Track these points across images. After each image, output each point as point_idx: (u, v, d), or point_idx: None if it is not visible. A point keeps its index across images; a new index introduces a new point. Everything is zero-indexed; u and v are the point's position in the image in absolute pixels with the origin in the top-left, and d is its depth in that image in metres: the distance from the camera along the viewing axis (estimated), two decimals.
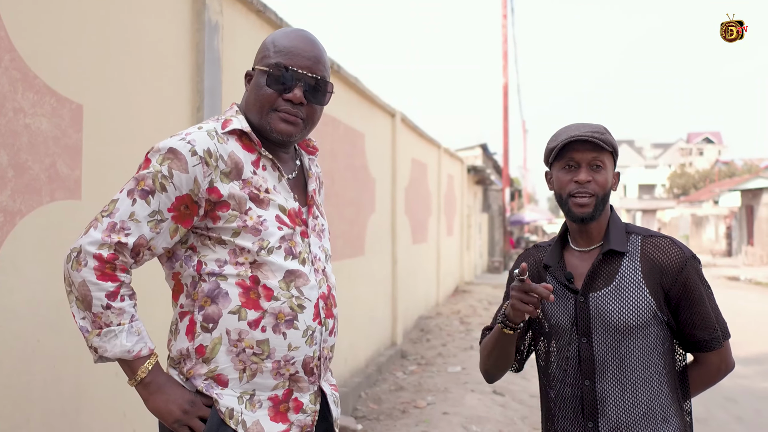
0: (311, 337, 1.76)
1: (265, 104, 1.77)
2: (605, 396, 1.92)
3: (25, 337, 2.31)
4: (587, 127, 1.95)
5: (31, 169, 2.32)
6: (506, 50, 23.43)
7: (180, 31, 3.33)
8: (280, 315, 1.71)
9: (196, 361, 1.73)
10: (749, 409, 6.57)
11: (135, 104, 2.95)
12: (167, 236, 1.70)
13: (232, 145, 1.74)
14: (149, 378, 1.69)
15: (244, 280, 1.70)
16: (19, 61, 2.27)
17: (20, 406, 2.28)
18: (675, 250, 1.94)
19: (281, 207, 1.77)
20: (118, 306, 1.65)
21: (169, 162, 1.66)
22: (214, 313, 1.70)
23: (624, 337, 1.91)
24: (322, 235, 1.92)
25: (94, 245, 1.63)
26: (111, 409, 2.77)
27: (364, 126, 6.93)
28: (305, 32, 1.86)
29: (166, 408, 1.68)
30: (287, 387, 1.76)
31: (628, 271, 1.94)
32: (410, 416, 5.65)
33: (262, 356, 1.71)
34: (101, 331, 1.64)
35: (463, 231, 16.80)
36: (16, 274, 2.28)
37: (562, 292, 1.99)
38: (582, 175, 1.92)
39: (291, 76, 1.76)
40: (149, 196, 1.66)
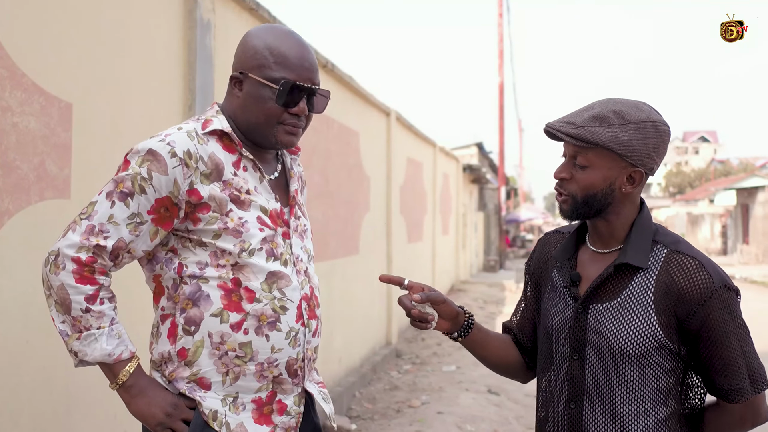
0: (294, 338, 1.75)
1: (272, 118, 1.75)
2: (591, 425, 1.67)
3: (14, 337, 2.29)
4: (583, 112, 1.66)
5: (20, 169, 2.30)
6: (502, 49, 23.43)
7: (172, 29, 3.31)
8: (262, 317, 1.69)
9: (179, 364, 1.71)
10: None
11: (125, 103, 2.93)
12: (147, 239, 1.68)
13: (212, 146, 1.72)
14: (131, 381, 1.67)
15: (225, 282, 1.68)
16: (6, 58, 2.25)
17: (9, 408, 2.26)
18: (702, 276, 1.60)
19: (263, 208, 1.75)
20: (97, 309, 1.63)
21: (148, 164, 1.64)
22: (195, 316, 1.68)
23: (620, 362, 1.64)
24: (304, 235, 1.90)
25: (73, 248, 1.61)
26: (102, 410, 2.75)
27: (359, 125, 6.91)
28: (296, 36, 1.83)
29: (148, 411, 1.67)
30: (271, 389, 1.75)
31: (638, 288, 1.64)
32: (405, 416, 5.64)
33: (245, 359, 1.69)
34: (81, 334, 1.63)
35: (459, 230, 16.79)
36: (5, 275, 2.25)
37: (564, 295, 1.74)
38: (556, 170, 1.71)
39: (297, 92, 1.75)
40: (128, 199, 1.63)
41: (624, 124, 1.60)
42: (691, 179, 67.72)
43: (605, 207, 1.67)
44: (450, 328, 1.85)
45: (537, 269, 1.91)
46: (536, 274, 1.91)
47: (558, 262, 1.80)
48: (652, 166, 1.65)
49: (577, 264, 1.76)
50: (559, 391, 1.73)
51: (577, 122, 1.63)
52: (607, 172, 1.63)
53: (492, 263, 22.76)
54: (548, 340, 1.79)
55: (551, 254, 1.85)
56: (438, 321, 1.81)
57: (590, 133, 1.60)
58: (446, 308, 1.81)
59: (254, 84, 1.74)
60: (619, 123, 1.60)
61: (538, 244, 1.95)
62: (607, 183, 1.64)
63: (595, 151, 1.62)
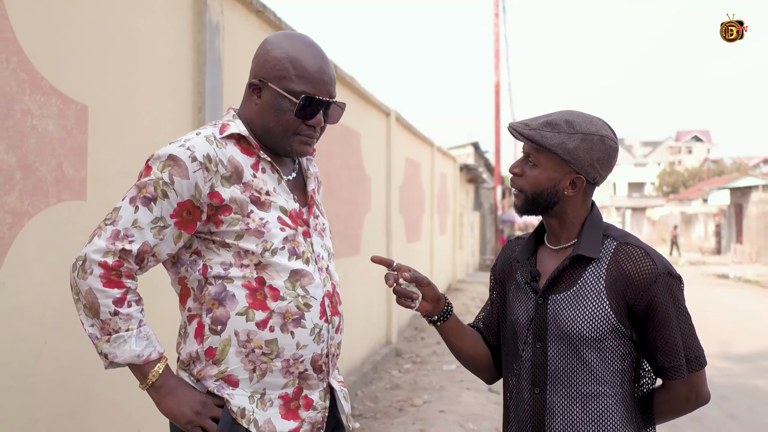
0: (318, 334, 1.79)
1: (289, 129, 1.80)
2: (553, 408, 1.81)
3: (33, 338, 2.32)
4: (540, 118, 1.83)
5: (39, 171, 2.33)
6: (498, 49, 23.47)
7: (182, 32, 3.34)
8: (287, 314, 1.74)
9: (206, 363, 1.75)
10: (741, 406, 6.63)
11: (137, 105, 2.96)
12: (171, 242, 1.72)
13: (230, 150, 1.77)
14: (160, 381, 1.71)
15: (249, 281, 1.72)
16: (27, 62, 2.28)
17: (27, 408, 2.29)
18: (647, 263, 1.76)
19: (282, 208, 1.79)
20: (125, 312, 1.67)
21: (169, 169, 1.68)
22: (222, 316, 1.73)
23: (578, 347, 1.78)
24: (323, 234, 1.94)
25: (99, 253, 1.65)
26: (117, 409, 2.78)
27: (360, 125, 6.94)
28: (316, 47, 1.87)
29: (178, 410, 1.71)
30: (297, 385, 1.79)
31: (590, 278, 1.79)
32: (407, 414, 5.67)
33: (271, 356, 1.73)
34: (110, 337, 1.67)
35: (456, 229, 16.84)
36: (24, 276, 2.28)
37: (526, 290, 1.90)
38: (512, 164, 1.88)
39: (317, 106, 1.80)
40: (151, 203, 1.68)
41: (572, 133, 1.77)
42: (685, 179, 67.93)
43: (552, 206, 1.84)
44: (431, 311, 1.97)
45: (501, 272, 2.06)
46: (501, 277, 2.06)
47: (519, 261, 1.96)
48: (595, 176, 1.82)
49: (537, 262, 1.93)
50: (524, 379, 1.87)
51: (531, 125, 1.81)
52: (552, 174, 1.81)
53: (488, 263, 22.81)
54: (513, 335, 1.92)
55: (513, 257, 2.01)
56: (421, 302, 1.94)
57: (540, 136, 1.78)
58: (429, 291, 1.94)
59: (274, 94, 1.79)
60: (568, 131, 1.78)
61: (502, 249, 2.12)
62: (552, 184, 1.81)
63: (545, 153, 1.80)
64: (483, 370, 2.10)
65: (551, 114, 1.84)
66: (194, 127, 3.42)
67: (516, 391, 1.91)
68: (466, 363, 2.08)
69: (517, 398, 1.90)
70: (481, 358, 2.07)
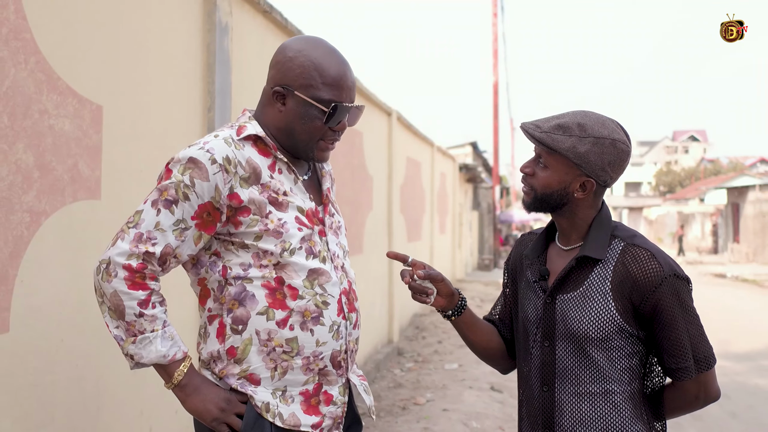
0: (337, 331, 1.82)
1: (315, 136, 1.83)
2: (562, 406, 1.84)
3: (50, 336, 2.34)
4: (552, 119, 1.83)
5: (55, 170, 2.35)
6: (496, 49, 23.52)
7: (192, 32, 3.36)
8: (306, 313, 1.77)
9: (228, 362, 1.78)
10: (742, 405, 6.67)
11: (149, 104, 2.98)
12: (192, 243, 1.75)
13: (248, 151, 1.79)
14: (185, 380, 1.74)
15: (269, 281, 1.75)
16: (44, 63, 2.30)
17: (46, 405, 2.31)
18: (653, 265, 1.77)
19: (299, 208, 1.82)
20: (150, 313, 1.70)
21: (190, 171, 1.71)
22: (242, 315, 1.76)
23: (585, 346, 1.80)
24: (339, 232, 1.97)
25: (123, 256, 1.68)
26: (129, 406, 2.81)
27: (362, 125, 6.96)
28: (338, 53, 1.87)
29: (203, 407, 1.74)
30: (317, 381, 1.82)
31: (597, 278, 1.81)
32: (410, 413, 5.70)
33: (291, 354, 1.77)
34: (136, 338, 1.70)
35: (455, 229, 16.87)
36: (41, 274, 2.30)
37: (535, 289, 1.92)
38: (523, 164, 1.89)
39: (344, 113, 1.83)
40: (173, 206, 1.71)
41: (583, 136, 1.77)
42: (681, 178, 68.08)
43: (561, 206, 1.85)
44: (445, 306, 1.99)
45: (514, 267, 2.08)
46: (513, 272, 2.09)
47: (529, 259, 1.98)
48: (606, 179, 1.82)
49: (547, 260, 1.95)
50: (534, 376, 1.91)
51: (543, 127, 1.81)
52: (563, 176, 1.81)
53: (486, 262, 22.85)
54: (524, 331, 1.95)
55: (524, 253, 2.02)
56: (435, 298, 1.96)
57: (552, 139, 1.78)
58: (444, 287, 1.96)
59: (300, 102, 1.80)
60: (579, 135, 1.77)
61: (515, 244, 2.14)
62: (562, 186, 1.82)
63: (555, 156, 1.80)
64: (498, 362, 2.13)
65: (564, 115, 1.83)
66: (204, 126, 3.44)
67: (527, 387, 1.94)
68: (480, 355, 2.12)
69: (529, 395, 1.93)
70: (496, 351, 2.10)
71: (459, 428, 5.36)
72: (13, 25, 2.15)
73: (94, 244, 2.55)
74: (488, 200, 26.35)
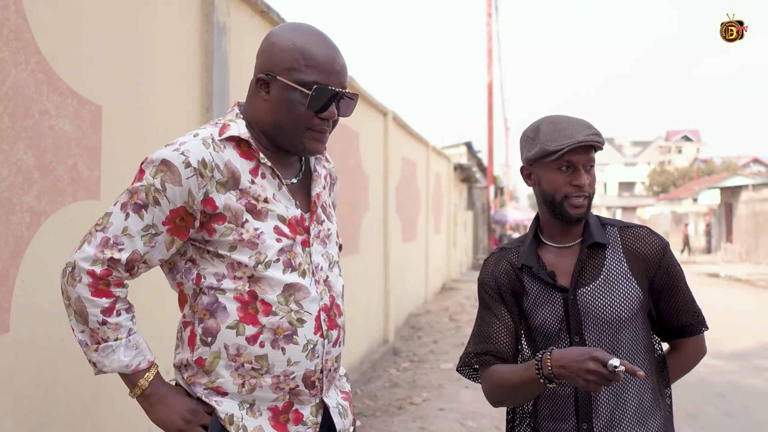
0: (312, 350, 1.71)
1: (301, 123, 1.70)
2: (597, 396, 1.86)
3: (50, 336, 2.35)
4: (584, 127, 1.87)
5: (56, 170, 2.35)
6: (490, 48, 23.56)
7: (190, 33, 3.36)
8: (278, 330, 1.67)
9: (197, 371, 1.71)
10: (737, 404, 6.69)
11: (148, 105, 2.99)
12: (163, 248, 1.66)
13: (228, 153, 1.67)
14: (150, 390, 1.68)
15: (242, 294, 1.66)
16: (44, 63, 2.30)
17: (47, 405, 2.32)
18: (654, 238, 1.94)
19: (280, 217, 1.71)
20: (114, 321, 1.63)
21: (162, 174, 1.61)
22: (212, 327, 1.67)
23: (616, 330, 1.86)
24: (327, 241, 1.84)
25: (88, 261, 1.61)
26: (129, 406, 2.79)
27: (358, 125, 6.98)
28: (325, 36, 1.75)
29: (168, 418, 1.67)
30: (287, 400, 1.73)
31: (613, 264, 1.90)
32: (407, 412, 5.71)
33: (261, 371, 1.68)
34: (99, 346, 1.64)
35: (450, 229, 16.90)
36: (42, 275, 2.30)
37: (548, 293, 1.91)
38: (583, 179, 1.86)
39: (330, 97, 1.69)
40: (142, 210, 1.61)
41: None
42: (675, 178, 68.29)
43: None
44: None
45: (503, 287, 1.97)
46: (504, 291, 1.97)
47: (530, 267, 1.94)
48: None
49: (545, 264, 1.95)
50: None
51: (594, 134, 1.86)
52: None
53: (481, 262, 22.84)
54: (545, 337, 1.92)
55: (511, 268, 1.98)
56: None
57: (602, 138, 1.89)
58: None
59: (283, 87, 1.68)
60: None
61: (488, 265, 2.04)
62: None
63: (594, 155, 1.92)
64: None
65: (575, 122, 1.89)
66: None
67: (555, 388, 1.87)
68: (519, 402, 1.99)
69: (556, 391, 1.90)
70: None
71: (455, 427, 5.38)
72: (14, 25, 2.16)
73: None
74: (483, 200, 26.39)
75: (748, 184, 30.62)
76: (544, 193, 1.91)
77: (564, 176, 1.87)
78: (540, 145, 1.88)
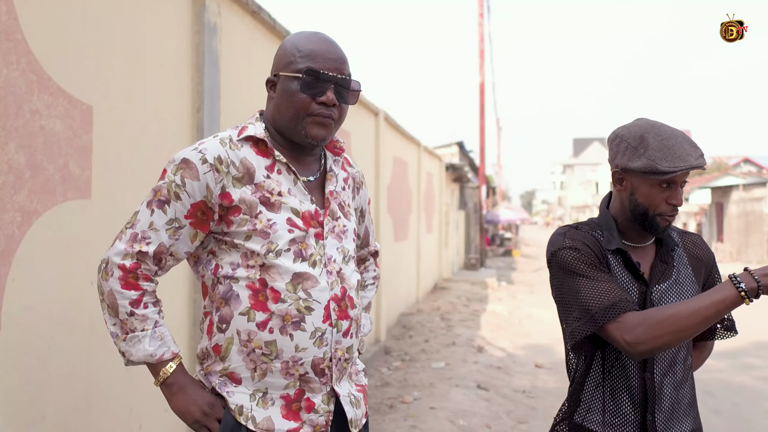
0: (320, 338, 1.78)
1: (301, 110, 1.79)
2: (662, 388, 1.93)
3: (42, 335, 2.36)
4: (693, 148, 1.87)
5: (46, 170, 2.37)
6: (482, 49, 23.59)
7: (181, 33, 3.37)
8: (287, 317, 1.75)
9: (214, 359, 1.81)
10: (726, 402, 6.74)
11: (139, 105, 3.00)
12: (188, 241, 1.79)
13: (245, 152, 1.80)
14: (171, 379, 1.77)
15: (253, 282, 1.76)
16: (35, 63, 2.31)
17: (37, 403, 2.33)
18: (707, 246, 2.09)
19: (294, 210, 1.80)
20: (141, 313, 1.74)
21: (181, 172, 1.75)
22: (227, 314, 1.77)
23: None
24: (343, 236, 1.92)
25: (119, 256, 1.74)
26: (120, 404, 2.82)
27: (350, 125, 6.99)
28: (323, 34, 1.88)
29: (186, 409, 1.76)
30: (298, 387, 1.79)
31: (681, 266, 2.01)
32: (398, 411, 5.73)
33: (270, 356, 1.76)
34: (127, 336, 1.75)
35: (442, 228, 16.92)
36: (33, 274, 2.32)
37: (627, 283, 1.94)
38: (680, 199, 1.89)
39: (323, 80, 1.79)
40: (165, 206, 1.75)
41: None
42: None
43: None
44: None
45: (598, 256, 1.95)
46: (600, 260, 1.94)
47: (624, 253, 1.96)
48: None
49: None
50: (631, 365, 1.93)
51: (702, 152, 1.87)
52: None
53: (473, 261, 22.90)
54: None
55: (598, 244, 1.96)
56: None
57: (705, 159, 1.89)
58: None
59: (284, 81, 1.81)
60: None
61: (571, 235, 1.99)
62: None
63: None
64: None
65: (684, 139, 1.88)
66: (193, 126, 3.46)
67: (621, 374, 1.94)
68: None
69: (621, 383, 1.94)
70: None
71: (446, 426, 5.40)
72: (5, 25, 2.17)
73: (84, 243, 2.57)
74: (474, 200, 26.44)
75: (739, 184, 30.78)
76: (638, 205, 1.92)
77: (663, 194, 1.89)
78: (648, 160, 1.86)
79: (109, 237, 2.41)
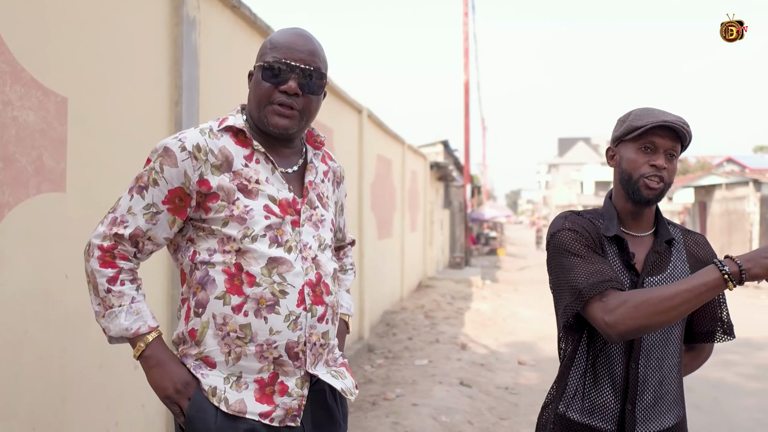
0: (294, 322, 1.81)
1: (263, 98, 1.85)
2: (646, 380, 1.94)
3: (14, 328, 2.33)
4: (673, 115, 1.93)
5: (19, 162, 2.34)
6: (467, 48, 23.63)
7: (159, 26, 3.35)
8: (261, 300, 1.79)
9: (190, 344, 1.83)
10: (707, 397, 6.79)
11: (116, 97, 2.97)
12: (165, 227, 1.83)
13: (224, 141, 1.85)
14: (148, 352, 1.80)
15: (229, 267, 1.79)
16: (8, 54, 2.29)
17: (9, 397, 2.30)
18: (710, 247, 2.07)
19: (271, 197, 1.84)
20: (117, 290, 1.79)
21: (161, 159, 1.80)
22: (203, 299, 1.81)
23: (671, 325, 1.92)
24: (320, 225, 1.95)
25: (99, 238, 1.81)
26: (95, 400, 2.80)
27: (333, 121, 6.97)
28: (300, 29, 1.92)
29: (160, 383, 1.79)
30: (272, 370, 1.82)
31: (678, 262, 2.00)
32: (380, 408, 5.73)
33: (245, 339, 1.79)
34: (106, 312, 1.80)
35: (426, 227, 16.93)
36: (5, 266, 2.29)
37: (620, 271, 1.95)
38: (660, 160, 1.91)
39: (285, 68, 1.83)
40: (144, 191, 1.81)
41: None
42: None
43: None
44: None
45: (595, 240, 1.97)
46: (595, 244, 1.97)
47: (620, 240, 1.98)
48: None
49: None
50: (616, 353, 1.95)
51: (682, 121, 1.91)
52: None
53: (458, 260, 22.94)
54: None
55: (596, 231, 1.99)
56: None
57: (691, 132, 1.94)
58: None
59: (255, 71, 1.88)
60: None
61: (570, 219, 2.02)
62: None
63: (679, 146, 1.95)
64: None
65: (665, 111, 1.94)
66: (172, 120, 3.44)
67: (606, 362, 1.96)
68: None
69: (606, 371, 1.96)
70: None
71: (428, 422, 5.40)
72: None
73: (59, 236, 2.54)
74: (459, 199, 26.47)
75: (722, 183, 31.02)
76: (623, 171, 1.97)
77: (644, 157, 1.93)
78: (628, 123, 1.96)
79: (85, 230, 2.38)
